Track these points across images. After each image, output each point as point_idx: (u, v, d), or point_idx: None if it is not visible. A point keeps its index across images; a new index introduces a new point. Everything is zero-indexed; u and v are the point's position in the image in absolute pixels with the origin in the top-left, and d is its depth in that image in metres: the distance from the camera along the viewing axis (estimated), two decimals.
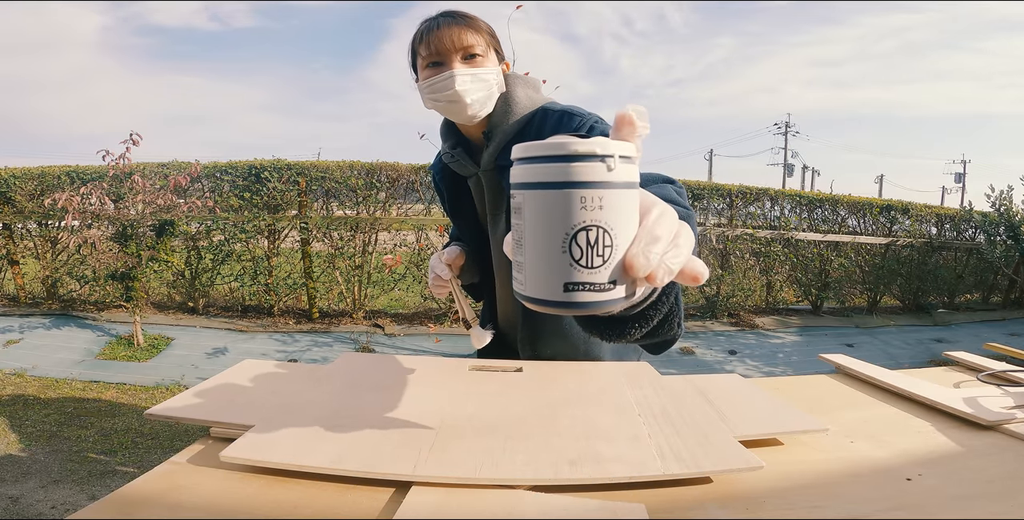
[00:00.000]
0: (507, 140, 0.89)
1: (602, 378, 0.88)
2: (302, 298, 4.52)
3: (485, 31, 0.86)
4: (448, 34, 0.83)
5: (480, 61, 0.85)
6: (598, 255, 0.29)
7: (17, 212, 4.48)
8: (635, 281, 0.31)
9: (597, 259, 0.29)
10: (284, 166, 4.32)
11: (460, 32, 0.83)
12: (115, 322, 4.18)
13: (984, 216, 5.53)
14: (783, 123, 29.87)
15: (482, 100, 0.86)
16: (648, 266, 0.30)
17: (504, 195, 0.93)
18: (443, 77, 0.83)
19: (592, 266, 0.29)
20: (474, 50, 0.84)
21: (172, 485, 0.56)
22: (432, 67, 0.85)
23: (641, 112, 0.32)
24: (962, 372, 1.01)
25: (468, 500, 0.53)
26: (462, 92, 0.83)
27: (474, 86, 0.84)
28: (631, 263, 0.30)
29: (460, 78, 0.83)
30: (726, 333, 4.56)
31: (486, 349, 1.11)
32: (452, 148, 0.95)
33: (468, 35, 0.83)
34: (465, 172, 0.97)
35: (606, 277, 0.30)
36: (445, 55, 0.84)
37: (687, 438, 0.64)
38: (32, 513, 1.85)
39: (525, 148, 0.30)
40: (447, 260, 0.94)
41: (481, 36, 0.85)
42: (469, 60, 0.84)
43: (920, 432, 0.74)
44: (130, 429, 2.56)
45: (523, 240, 0.31)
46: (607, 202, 0.29)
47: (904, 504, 0.55)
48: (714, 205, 5.15)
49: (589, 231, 0.29)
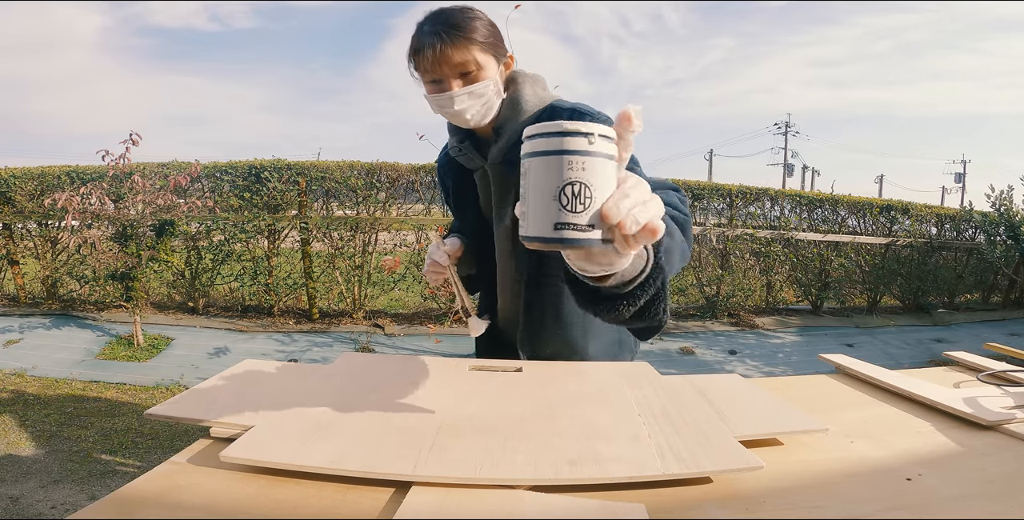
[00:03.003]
0: (516, 136, 0.91)
1: (602, 378, 0.88)
2: (302, 298, 4.52)
3: (478, 40, 0.84)
4: (440, 59, 0.83)
5: (476, 76, 0.86)
6: (580, 203, 0.39)
7: (17, 212, 4.48)
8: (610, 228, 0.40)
9: (580, 206, 0.39)
10: (284, 166, 4.32)
11: (451, 53, 0.83)
12: (115, 322, 4.18)
13: (984, 216, 5.52)
14: (783, 123, 29.87)
15: (482, 112, 0.89)
16: (619, 215, 0.39)
17: (511, 189, 0.94)
18: (443, 97, 0.86)
19: (576, 211, 0.39)
20: (468, 68, 0.85)
21: (172, 485, 0.56)
22: (432, 83, 0.87)
23: (638, 111, 0.40)
24: (962, 372, 1.01)
25: (468, 500, 0.53)
26: (461, 110, 0.87)
27: (472, 102, 0.87)
28: (606, 212, 0.39)
29: (458, 98, 0.86)
30: (726, 333, 4.56)
31: (486, 347, 1.11)
32: (460, 142, 0.96)
33: (458, 54, 0.83)
34: (472, 165, 0.99)
35: (586, 220, 0.39)
36: (441, 76, 0.85)
37: (687, 438, 0.64)
38: (32, 513, 1.85)
39: (532, 128, 0.41)
40: (447, 249, 0.96)
41: (473, 50, 0.84)
42: (465, 77, 0.85)
43: (920, 432, 0.74)
44: (130, 429, 2.56)
45: (527, 195, 0.41)
46: (588, 166, 0.39)
47: (904, 504, 0.55)
48: (714, 205, 5.15)
49: (574, 186, 0.39)
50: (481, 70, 0.86)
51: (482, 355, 1.12)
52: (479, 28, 0.85)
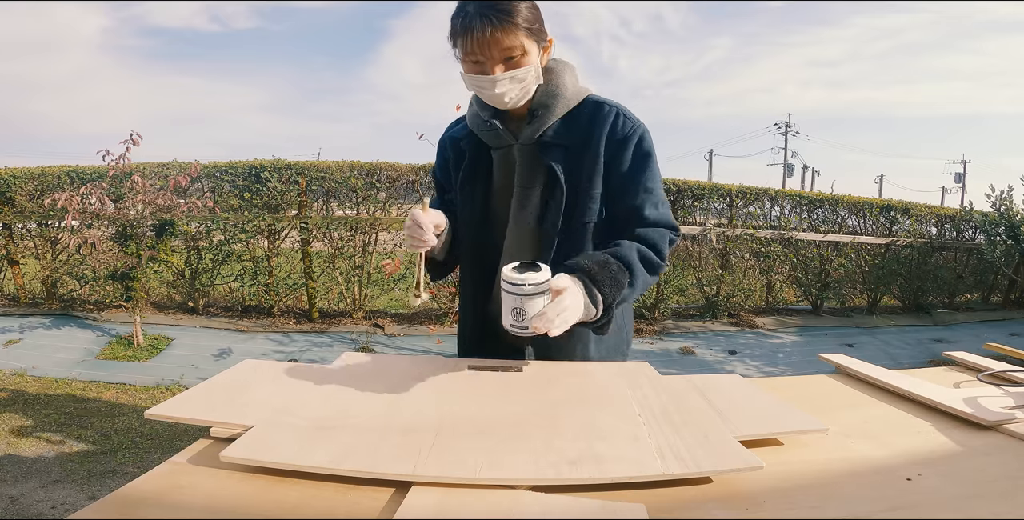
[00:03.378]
0: (554, 120, 0.93)
1: (602, 378, 0.88)
2: (302, 298, 4.51)
3: (524, 26, 0.84)
4: (488, 42, 0.82)
5: (519, 61, 0.86)
6: (520, 317, 0.74)
7: (17, 212, 4.48)
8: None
9: (521, 319, 0.74)
10: (284, 166, 4.31)
11: (500, 37, 0.82)
12: (115, 322, 4.18)
13: (984, 216, 5.52)
14: (783, 123, 29.86)
15: (520, 95, 0.90)
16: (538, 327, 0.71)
17: (541, 169, 0.95)
18: (484, 80, 0.86)
19: (519, 322, 0.74)
20: (513, 53, 0.85)
21: (172, 485, 0.56)
22: (474, 63, 0.86)
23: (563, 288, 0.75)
24: (962, 372, 1.01)
25: (468, 500, 0.53)
26: (501, 93, 0.87)
27: (512, 86, 0.88)
28: (533, 324, 0.72)
29: (500, 83, 0.86)
30: (726, 333, 4.56)
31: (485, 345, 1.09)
32: (492, 118, 0.95)
33: (507, 38, 0.83)
34: (498, 143, 0.98)
35: (524, 324, 0.74)
36: (484, 59, 0.85)
37: (687, 438, 0.64)
38: (32, 513, 1.85)
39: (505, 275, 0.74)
40: (433, 220, 0.93)
41: (520, 35, 0.84)
42: (508, 61, 0.85)
43: (920, 432, 0.74)
44: (130, 429, 2.56)
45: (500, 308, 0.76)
46: (526, 300, 0.73)
47: (904, 504, 0.55)
48: (714, 205, 5.14)
49: (518, 309, 0.73)
50: (525, 55, 0.86)
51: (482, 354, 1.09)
52: (525, 12, 0.84)
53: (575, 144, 0.94)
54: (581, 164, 0.93)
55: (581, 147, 0.94)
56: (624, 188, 0.94)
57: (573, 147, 0.94)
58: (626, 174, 0.94)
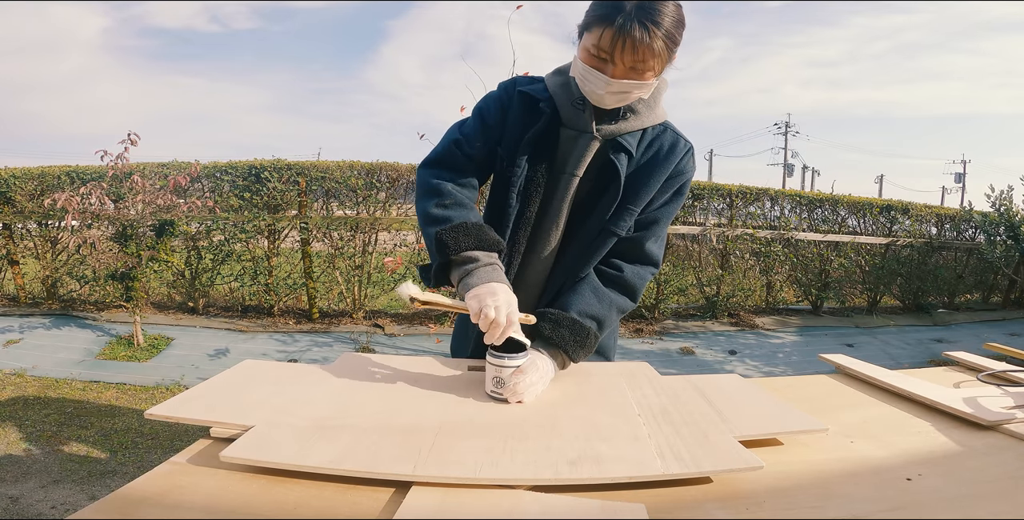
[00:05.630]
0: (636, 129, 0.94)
1: (602, 378, 0.88)
2: (302, 298, 4.51)
3: (669, 48, 0.81)
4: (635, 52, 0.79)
5: (644, 75, 0.83)
6: (499, 386, 0.80)
7: (17, 212, 4.48)
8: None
9: (499, 387, 0.80)
10: (284, 166, 4.31)
11: (646, 53, 0.79)
12: (115, 322, 4.18)
13: (984, 216, 5.52)
14: (783, 123, 29.85)
15: (619, 101, 0.88)
16: (511, 396, 0.79)
17: (603, 166, 0.94)
18: (599, 78, 0.83)
19: (497, 389, 0.80)
20: (646, 68, 0.82)
21: (172, 485, 0.56)
22: (598, 58, 0.83)
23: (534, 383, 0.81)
24: (962, 372, 1.01)
25: (468, 500, 0.53)
26: (603, 95, 0.86)
27: (617, 96, 0.86)
28: (508, 392, 0.79)
29: (610, 88, 0.84)
30: (726, 333, 4.55)
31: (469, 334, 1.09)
32: (583, 101, 0.92)
33: (652, 57, 0.80)
34: (575, 125, 0.94)
35: (502, 391, 0.80)
36: (615, 63, 0.82)
37: (687, 438, 0.64)
38: (32, 513, 1.85)
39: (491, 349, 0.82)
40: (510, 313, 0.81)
41: (664, 55, 0.81)
42: (631, 71, 0.83)
43: (920, 432, 0.74)
44: (130, 429, 2.56)
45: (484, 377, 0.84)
46: (503, 372, 0.80)
47: (904, 504, 0.55)
48: (714, 205, 5.14)
49: (496, 379, 0.81)
50: (652, 73, 0.84)
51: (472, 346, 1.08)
52: (676, 35, 0.81)
53: (644, 160, 0.94)
54: (639, 179, 0.94)
55: (648, 165, 0.94)
56: (645, 215, 0.96)
57: (640, 161, 0.94)
58: (656, 205, 0.96)
